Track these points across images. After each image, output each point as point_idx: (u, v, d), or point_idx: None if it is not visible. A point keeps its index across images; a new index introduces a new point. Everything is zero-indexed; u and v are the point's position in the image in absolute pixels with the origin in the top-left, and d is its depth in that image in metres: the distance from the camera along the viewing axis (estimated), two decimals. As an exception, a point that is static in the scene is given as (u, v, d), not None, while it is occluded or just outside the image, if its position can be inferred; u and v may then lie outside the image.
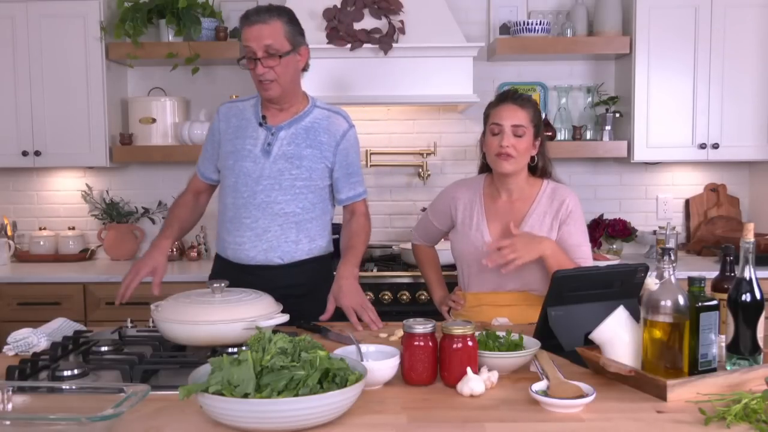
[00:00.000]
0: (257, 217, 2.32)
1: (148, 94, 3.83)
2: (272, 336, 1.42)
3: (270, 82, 2.24)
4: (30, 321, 2.27)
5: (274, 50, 2.21)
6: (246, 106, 2.40)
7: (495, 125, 2.18)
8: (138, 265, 2.23)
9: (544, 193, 2.24)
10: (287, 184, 2.31)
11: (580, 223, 2.23)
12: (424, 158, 3.83)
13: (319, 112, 2.37)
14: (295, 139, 2.32)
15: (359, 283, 2.27)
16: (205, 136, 2.50)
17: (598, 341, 1.64)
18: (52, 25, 3.51)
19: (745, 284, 1.61)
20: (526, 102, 2.21)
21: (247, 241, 2.34)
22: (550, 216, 2.21)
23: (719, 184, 3.88)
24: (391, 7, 3.41)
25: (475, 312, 2.29)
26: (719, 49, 3.48)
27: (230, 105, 2.44)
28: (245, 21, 2.23)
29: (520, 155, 2.18)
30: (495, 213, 2.27)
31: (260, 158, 2.31)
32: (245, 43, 2.23)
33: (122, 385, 1.39)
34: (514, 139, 2.16)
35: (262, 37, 2.20)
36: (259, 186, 2.31)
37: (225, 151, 2.37)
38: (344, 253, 2.35)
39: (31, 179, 3.90)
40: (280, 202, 2.31)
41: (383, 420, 1.40)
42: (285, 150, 2.31)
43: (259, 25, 2.21)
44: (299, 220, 2.34)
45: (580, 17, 3.67)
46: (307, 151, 2.32)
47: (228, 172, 2.36)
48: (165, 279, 2.21)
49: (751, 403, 1.37)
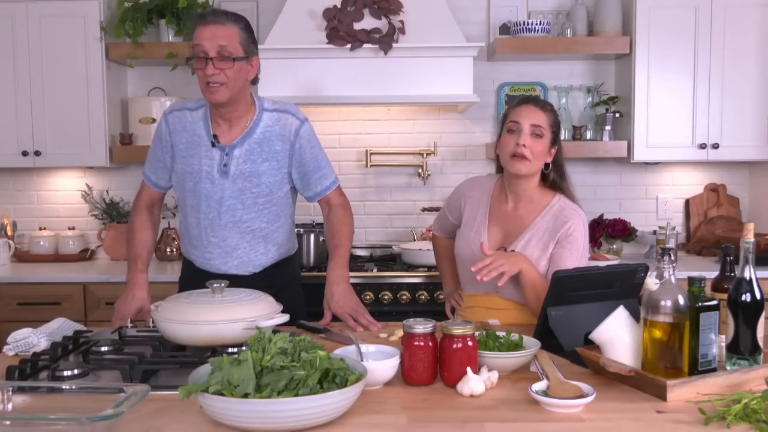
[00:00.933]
0: (225, 236, 2.31)
1: (148, 94, 3.83)
2: (272, 336, 1.42)
3: (219, 85, 2.15)
4: (30, 321, 2.27)
5: (228, 53, 2.14)
6: (195, 119, 2.29)
7: (513, 123, 2.14)
8: (122, 309, 2.20)
9: (551, 209, 2.18)
10: (249, 203, 2.28)
11: (577, 249, 2.13)
12: (424, 158, 3.83)
13: (268, 117, 2.28)
14: (251, 155, 2.25)
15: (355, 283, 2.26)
16: (153, 143, 2.37)
17: (598, 341, 1.64)
18: (52, 25, 3.51)
19: (745, 284, 1.61)
20: (547, 106, 2.19)
21: (216, 257, 2.33)
22: (548, 234, 2.15)
23: (719, 184, 3.88)
24: (391, 7, 3.41)
25: (469, 312, 2.30)
26: (719, 49, 3.48)
27: (179, 114, 2.31)
28: (200, 20, 2.17)
29: (535, 158, 2.13)
30: (498, 218, 2.24)
31: (218, 179, 2.26)
32: (197, 41, 2.15)
33: (122, 385, 1.39)
34: (531, 139, 2.11)
35: (216, 38, 2.13)
36: (222, 207, 2.28)
37: (180, 170, 2.30)
38: (331, 253, 2.30)
39: (31, 179, 3.90)
40: (246, 220, 2.30)
41: (383, 420, 1.40)
42: (242, 168, 2.25)
43: (215, 25, 2.14)
44: (266, 233, 2.35)
45: (580, 17, 3.67)
46: (264, 166, 2.26)
47: (189, 193, 2.30)
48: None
49: (751, 403, 1.37)
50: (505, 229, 2.19)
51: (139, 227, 2.38)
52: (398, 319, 1.91)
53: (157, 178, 2.38)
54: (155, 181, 2.39)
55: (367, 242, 3.88)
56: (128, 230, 2.43)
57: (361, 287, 3.23)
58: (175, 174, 2.33)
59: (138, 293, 2.22)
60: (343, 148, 3.87)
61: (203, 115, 2.29)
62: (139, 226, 2.38)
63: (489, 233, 2.24)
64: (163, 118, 2.33)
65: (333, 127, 3.84)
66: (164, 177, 2.38)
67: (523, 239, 2.17)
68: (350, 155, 3.88)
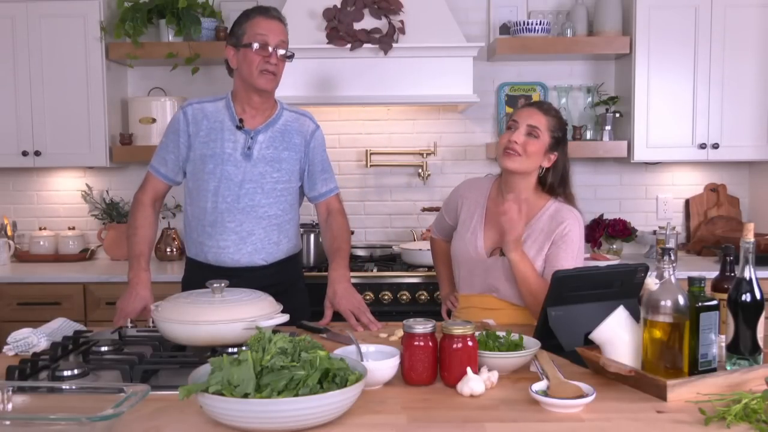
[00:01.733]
0: (242, 220, 2.33)
1: (148, 94, 3.83)
2: (272, 336, 1.42)
3: (272, 75, 2.28)
4: (30, 321, 2.27)
5: (285, 48, 2.29)
6: (217, 108, 2.36)
7: (512, 121, 2.21)
8: (126, 308, 2.18)
9: (547, 211, 2.20)
10: (269, 188, 2.34)
11: (572, 248, 2.15)
12: (424, 158, 3.83)
13: (288, 115, 2.42)
14: (273, 142, 2.35)
15: (355, 283, 2.30)
16: (165, 136, 2.40)
17: (598, 341, 1.64)
18: (52, 25, 3.51)
19: (745, 284, 1.61)
20: (550, 109, 2.22)
21: (231, 244, 2.34)
22: (545, 235, 2.17)
23: (719, 184, 3.88)
24: (391, 7, 3.41)
25: (464, 313, 2.31)
26: (719, 49, 3.48)
27: (198, 106, 2.37)
28: (264, 13, 2.30)
29: (527, 156, 2.16)
30: (494, 220, 2.24)
31: (241, 162, 2.31)
32: (260, 31, 2.26)
33: (122, 385, 1.39)
34: (525, 137, 2.15)
35: (279, 33, 2.28)
36: (242, 190, 2.31)
37: (199, 155, 2.33)
38: (332, 256, 2.35)
39: (31, 179, 3.90)
40: (264, 205, 2.34)
41: (383, 420, 1.40)
42: (265, 153, 2.33)
43: (277, 21, 2.29)
44: (280, 222, 2.39)
45: (580, 17, 3.67)
46: (285, 154, 2.36)
47: (208, 176, 2.32)
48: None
49: (751, 403, 1.37)
50: (501, 231, 2.16)
51: (141, 223, 2.35)
52: (398, 319, 1.91)
53: (167, 170, 2.40)
54: (165, 173, 2.40)
55: (367, 242, 3.88)
56: (129, 226, 2.39)
57: (361, 287, 3.23)
58: (191, 162, 2.36)
59: (142, 292, 2.21)
60: (343, 148, 3.87)
61: (225, 104, 2.37)
62: (142, 222, 2.35)
63: (485, 234, 2.25)
64: (180, 112, 2.37)
65: (333, 127, 3.84)
66: (174, 169, 2.39)
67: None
68: (350, 155, 3.88)
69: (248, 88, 2.32)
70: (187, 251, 2.48)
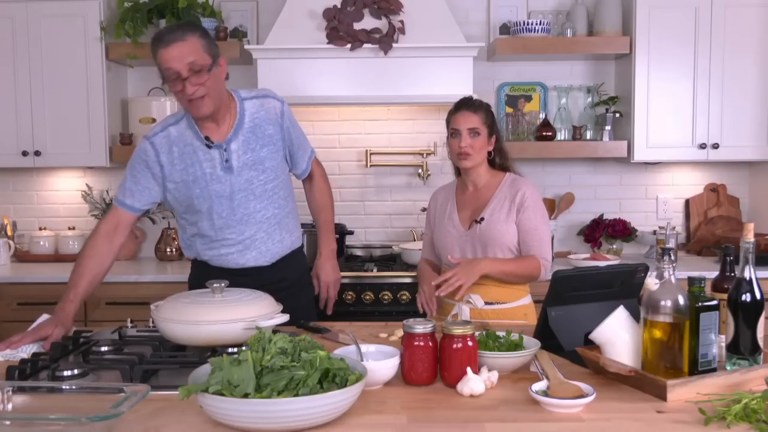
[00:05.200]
0: (242, 230, 2.33)
1: (148, 94, 3.83)
2: (272, 336, 1.42)
3: (202, 99, 2.13)
4: (30, 321, 2.25)
5: (199, 66, 2.10)
6: (181, 130, 2.27)
7: (453, 130, 2.47)
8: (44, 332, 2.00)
9: (505, 183, 2.49)
10: (260, 191, 2.31)
11: (536, 208, 2.43)
12: (424, 158, 3.83)
13: (250, 105, 2.31)
14: (248, 144, 2.28)
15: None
16: (131, 168, 2.31)
17: (598, 341, 1.64)
18: (52, 25, 3.51)
19: (745, 284, 1.61)
20: (478, 107, 2.47)
21: (235, 251, 2.35)
22: (508, 202, 2.44)
23: (719, 184, 3.88)
24: (391, 7, 3.41)
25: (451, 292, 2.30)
26: (719, 49, 3.48)
27: (163, 135, 2.28)
28: (159, 43, 2.11)
29: (476, 152, 2.45)
30: (464, 202, 2.53)
31: (224, 176, 2.26)
32: (165, 65, 2.10)
33: (122, 385, 1.39)
34: (470, 139, 2.43)
35: (183, 56, 2.08)
36: (234, 202, 2.29)
37: (181, 181, 2.27)
38: (321, 229, 2.56)
39: (31, 179, 3.90)
40: (260, 209, 2.33)
41: (383, 420, 1.40)
42: (244, 159, 2.28)
43: (177, 43, 2.09)
44: (279, 220, 2.40)
45: (580, 17, 3.67)
46: (264, 151, 2.30)
47: (198, 199, 2.28)
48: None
49: (751, 403, 1.37)
50: (472, 208, 2.49)
51: (88, 254, 2.23)
52: (398, 319, 1.91)
53: (133, 200, 2.30)
54: (131, 203, 2.31)
55: (367, 242, 3.88)
56: (78, 253, 2.28)
57: (361, 287, 3.23)
58: (171, 192, 2.30)
59: (66, 322, 2.07)
60: (343, 148, 3.87)
61: (187, 124, 2.27)
62: (89, 252, 2.23)
63: (459, 215, 2.51)
64: (146, 143, 2.29)
65: (333, 127, 3.84)
66: (142, 199, 2.31)
67: (489, 209, 2.44)
68: (350, 155, 3.88)
69: None
70: (190, 255, 2.47)
